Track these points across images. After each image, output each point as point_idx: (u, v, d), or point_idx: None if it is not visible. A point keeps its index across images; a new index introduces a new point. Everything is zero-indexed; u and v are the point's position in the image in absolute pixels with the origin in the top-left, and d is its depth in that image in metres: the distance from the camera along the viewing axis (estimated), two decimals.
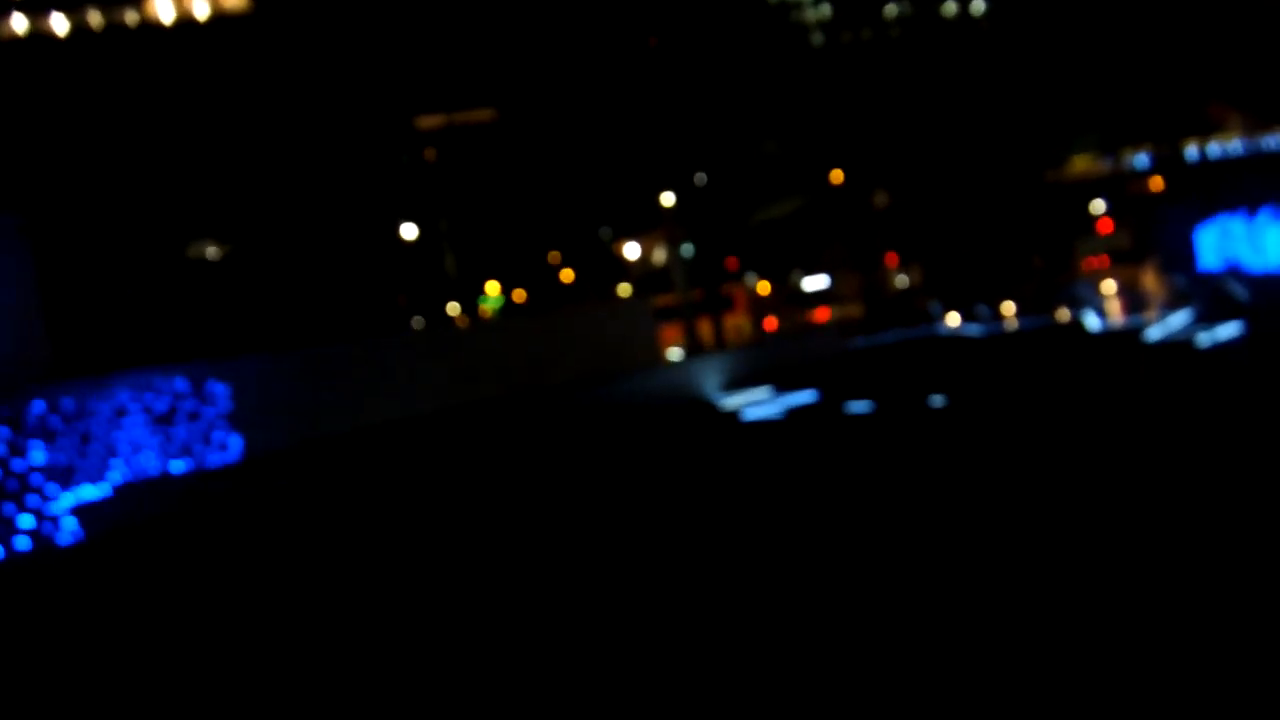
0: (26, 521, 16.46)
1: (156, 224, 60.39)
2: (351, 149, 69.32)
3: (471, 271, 74.07)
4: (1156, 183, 56.63)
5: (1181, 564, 8.32)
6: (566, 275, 72.85)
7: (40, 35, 59.55)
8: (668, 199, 59.33)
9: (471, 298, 72.11)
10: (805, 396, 22.01)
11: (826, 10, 70.52)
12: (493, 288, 73.45)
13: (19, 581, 15.04)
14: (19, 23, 58.78)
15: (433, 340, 25.51)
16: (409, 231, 68.39)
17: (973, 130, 60.24)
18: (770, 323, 55.13)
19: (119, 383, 18.33)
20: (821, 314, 58.74)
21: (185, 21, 62.00)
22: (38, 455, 17.47)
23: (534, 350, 27.57)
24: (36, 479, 17.37)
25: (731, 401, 23.29)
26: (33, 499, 16.98)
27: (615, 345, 28.69)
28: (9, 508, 16.53)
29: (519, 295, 73.45)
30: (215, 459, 18.68)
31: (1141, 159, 59.05)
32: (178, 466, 18.44)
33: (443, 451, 20.13)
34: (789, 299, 57.79)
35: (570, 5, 72.54)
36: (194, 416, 18.53)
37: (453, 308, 71.29)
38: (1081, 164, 60.51)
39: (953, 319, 38.26)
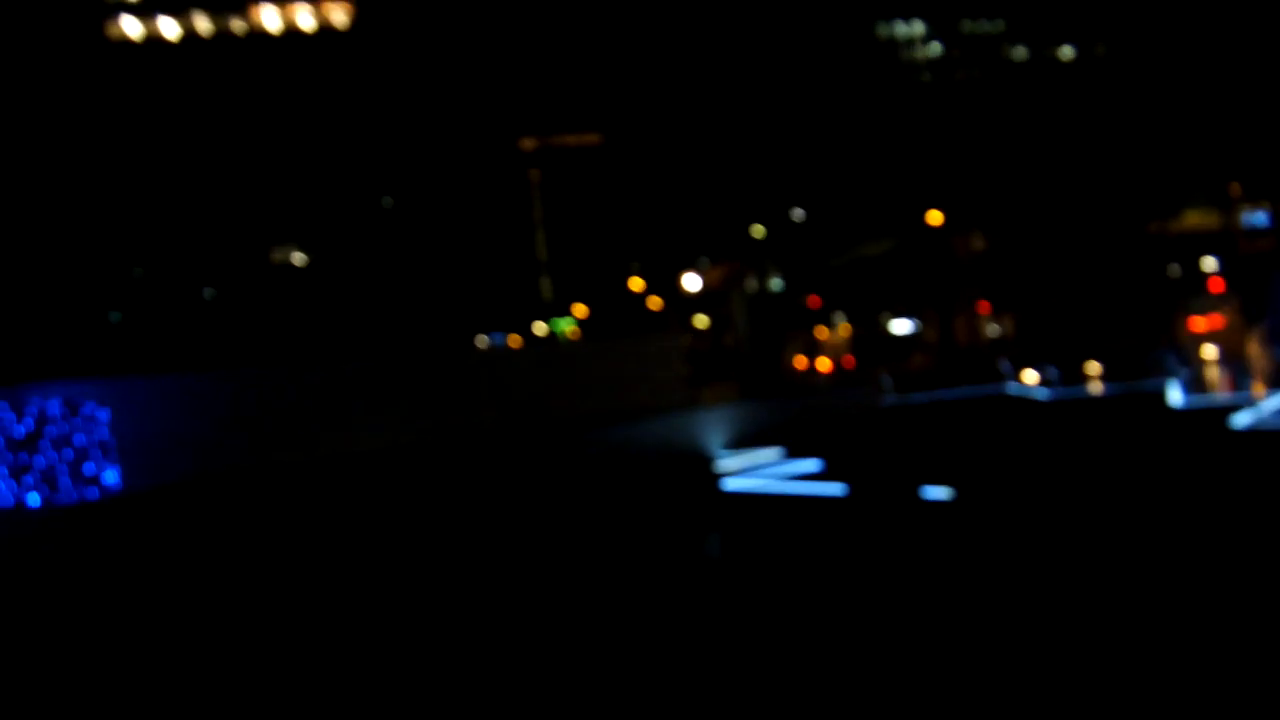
0: None
1: (238, 230, 58.42)
2: (452, 167, 66.97)
3: (563, 292, 71.16)
4: (1273, 242, 50.43)
5: None
6: (654, 302, 69.25)
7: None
8: (757, 231, 55.28)
9: (562, 317, 69.06)
10: (807, 465, 17.75)
11: (936, 48, 65.82)
12: (579, 310, 70.21)
13: None
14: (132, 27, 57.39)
15: (419, 367, 21.68)
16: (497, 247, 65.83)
17: (1080, 176, 54.91)
18: (825, 365, 50.18)
19: None
20: (916, 360, 53.64)
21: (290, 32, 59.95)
22: None
23: (540, 383, 23.78)
24: None
25: (728, 463, 19.11)
26: None
27: (635, 384, 24.74)
28: None
29: (601, 319, 70.06)
30: (85, 493, 15.26)
31: (1260, 217, 52.71)
32: (33, 499, 15.10)
33: (358, 494, 16.42)
34: (859, 343, 52.81)
35: (677, 37, 69.20)
36: (60, 443, 15.17)
37: (539, 327, 68.36)
38: (1194, 218, 54.48)
39: (1028, 378, 33.21)
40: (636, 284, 66.58)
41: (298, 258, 60.54)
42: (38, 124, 52.84)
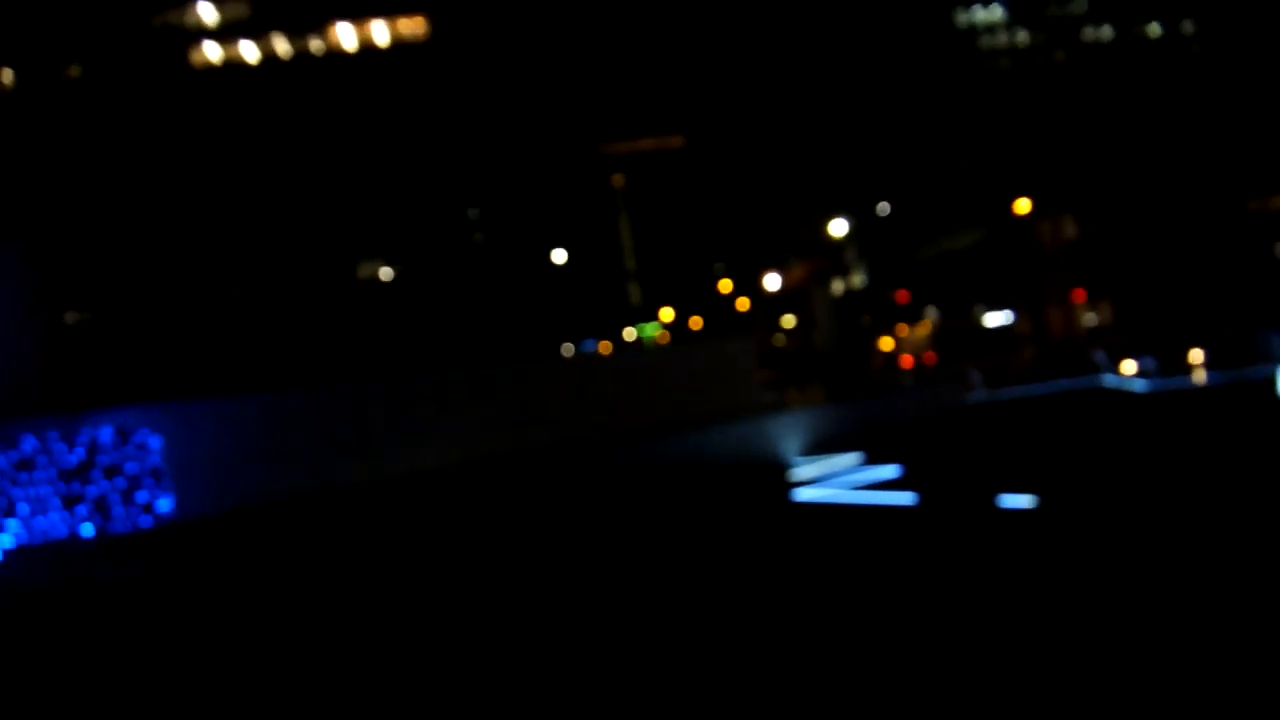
0: None
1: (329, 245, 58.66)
2: (536, 175, 66.68)
3: (651, 297, 70.46)
4: None
5: None
6: (742, 304, 68.10)
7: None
8: (838, 228, 53.84)
9: (651, 321, 68.22)
10: (884, 472, 16.63)
11: (1021, 35, 63.68)
12: (666, 314, 69.35)
13: None
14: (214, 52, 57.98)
15: (477, 381, 20.93)
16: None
17: (1174, 156, 52.54)
18: (907, 362, 48.33)
19: (24, 429, 14.65)
20: (1009, 354, 51.55)
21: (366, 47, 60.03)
22: None
23: (612, 392, 22.90)
24: None
25: (804, 471, 18.06)
26: None
27: (710, 388, 23.76)
28: None
29: (695, 323, 69.14)
30: (139, 521, 14.77)
31: None
32: (87, 529, 14.65)
33: (425, 516, 15.73)
34: (948, 337, 50.89)
35: (755, 35, 68.10)
36: (113, 471, 14.71)
37: (629, 333, 67.59)
38: None
39: (1126, 368, 31.42)
40: (724, 286, 65.53)
41: (384, 272, 60.56)
42: (122, 148, 53.62)
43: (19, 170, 49.71)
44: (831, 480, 16.71)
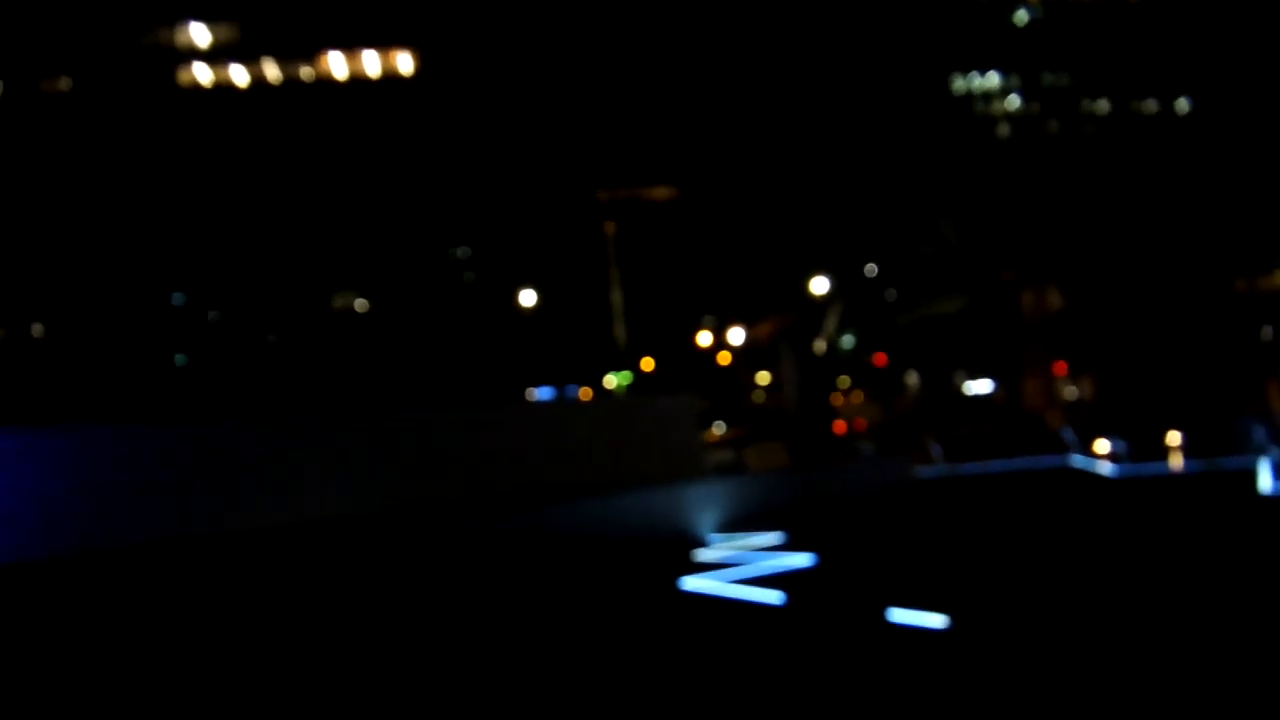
0: None
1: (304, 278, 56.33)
2: (528, 215, 64.64)
3: (635, 345, 67.97)
4: None
5: None
6: (724, 358, 65.61)
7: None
8: (818, 286, 51.36)
9: (623, 370, 65.64)
10: (797, 560, 13.96)
11: (1015, 102, 61.55)
12: (647, 363, 66.81)
13: None
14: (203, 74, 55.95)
15: (373, 427, 18.27)
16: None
17: (1164, 232, 50.11)
18: (860, 425, 45.50)
19: None
20: (989, 428, 48.74)
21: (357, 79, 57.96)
22: None
23: (528, 446, 20.23)
24: None
25: (708, 552, 15.38)
26: None
27: (640, 448, 21.09)
28: None
29: (668, 373, 66.55)
30: None
31: None
32: None
33: (243, 578, 13.04)
34: (922, 405, 48.13)
35: (752, 91, 66.16)
36: None
37: (609, 380, 65.06)
38: None
39: (1099, 448, 28.71)
40: (705, 338, 63.01)
41: (359, 304, 58.10)
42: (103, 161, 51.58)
43: None
44: (730, 567, 14.01)
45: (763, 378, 56.75)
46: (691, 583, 12.96)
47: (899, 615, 9.88)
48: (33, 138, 52.43)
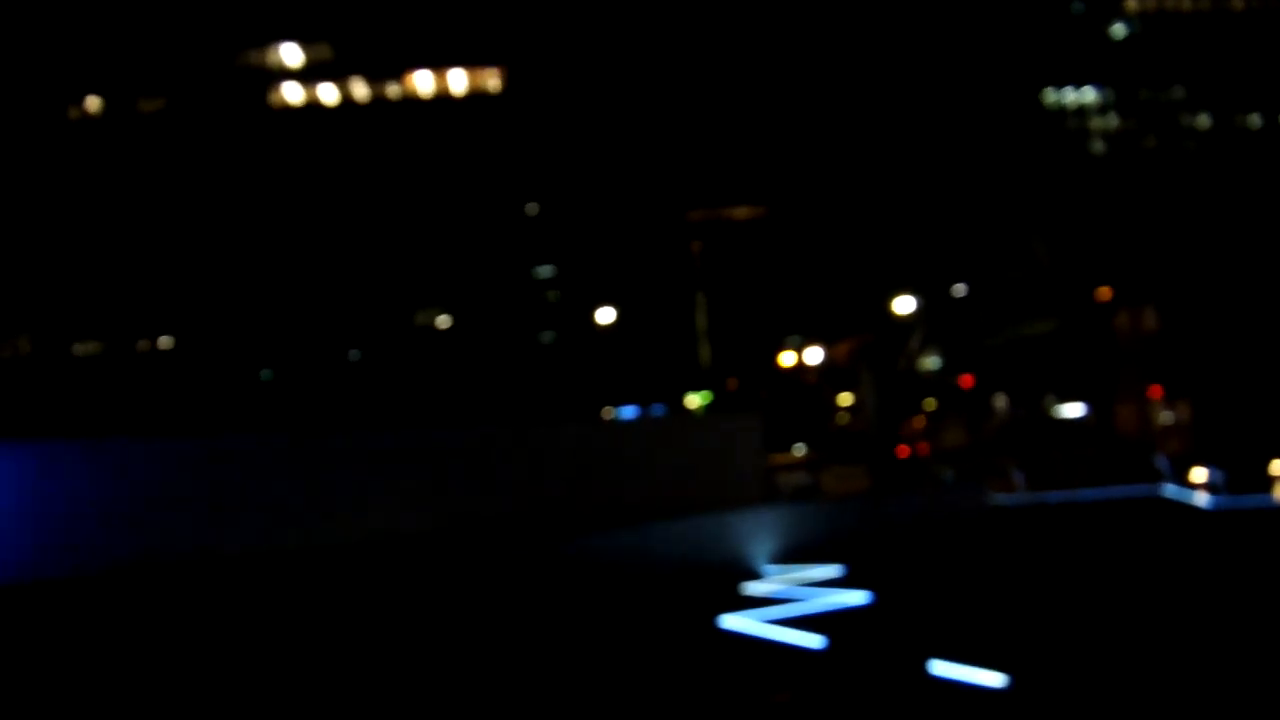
0: None
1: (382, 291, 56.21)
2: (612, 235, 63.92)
3: (718, 364, 66.73)
4: None
5: None
6: (808, 378, 63.96)
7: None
8: (901, 306, 49.61)
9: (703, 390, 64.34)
10: (853, 598, 12.71)
11: (1112, 117, 59.11)
12: (732, 383, 65.45)
13: None
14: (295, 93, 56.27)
15: (413, 445, 17.46)
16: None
17: (1265, 250, 47.43)
18: (921, 449, 43.26)
19: None
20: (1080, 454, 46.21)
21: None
22: None
23: (585, 467, 19.21)
24: None
25: (760, 585, 14.19)
26: None
27: (699, 471, 19.91)
28: None
29: (752, 392, 65.03)
30: None
31: None
32: None
33: (273, 605, 12.24)
34: (1006, 429, 45.91)
35: (843, 108, 64.72)
36: None
37: (690, 399, 63.91)
38: None
39: (1195, 477, 26.71)
40: (789, 358, 61.47)
41: (441, 320, 57.75)
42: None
43: None
44: (778, 604, 12.80)
45: (845, 399, 55.02)
46: (731, 621, 11.79)
47: (950, 670, 8.61)
48: (128, 154, 53.20)
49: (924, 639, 9.98)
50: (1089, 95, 58.34)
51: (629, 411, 59.40)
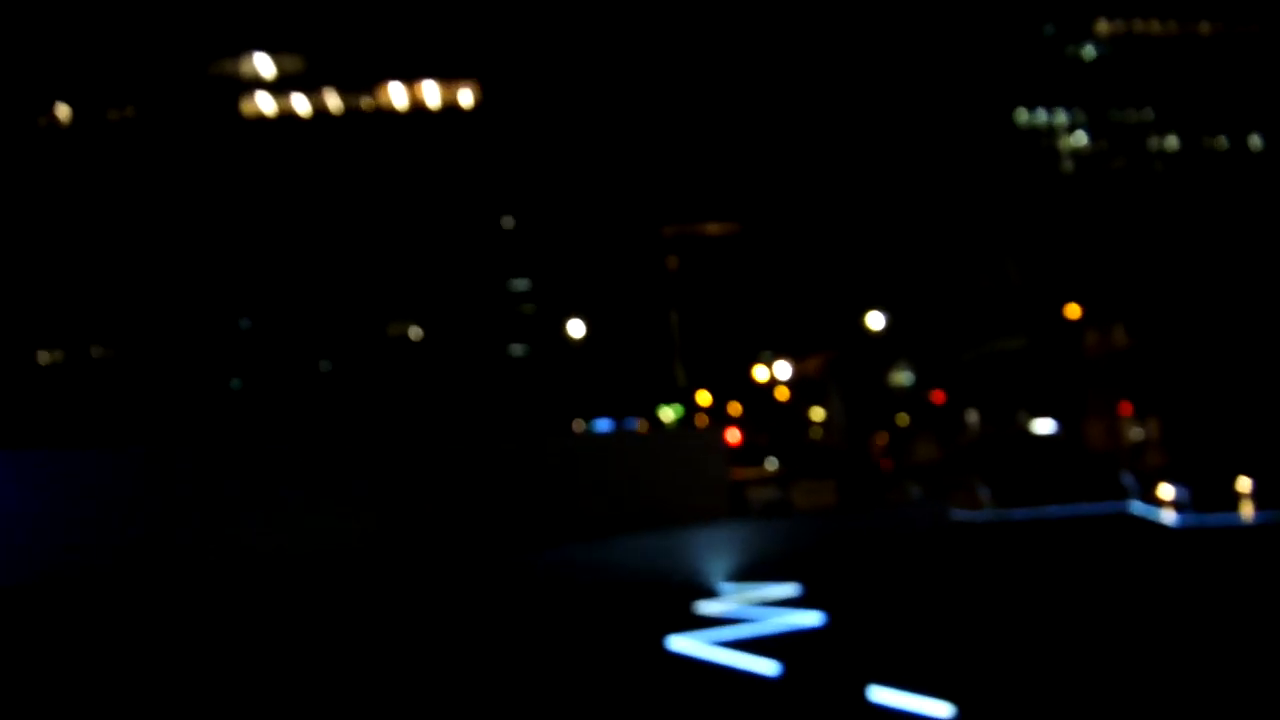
0: None
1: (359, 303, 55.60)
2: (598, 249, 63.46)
3: (693, 378, 66.28)
4: None
5: None
6: (781, 393, 63.69)
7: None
8: (871, 321, 49.33)
9: (690, 402, 63.84)
10: (806, 619, 12.29)
11: (1082, 138, 59.15)
12: (704, 397, 65.01)
13: None
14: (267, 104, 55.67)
15: (349, 454, 16.95)
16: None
17: (1234, 270, 47.48)
18: (887, 465, 42.87)
19: None
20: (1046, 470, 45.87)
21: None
22: None
23: (540, 482, 18.69)
24: None
25: (713, 604, 13.77)
26: None
27: (661, 486, 19.45)
28: None
29: (735, 408, 64.59)
30: None
31: None
32: None
33: (195, 617, 11.74)
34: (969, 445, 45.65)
35: (815, 126, 64.65)
36: None
37: (663, 413, 63.44)
38: None
39: (1162, 494, 26.46)
40: (762, 372, 61.09)
41: (413, 332, 57.09)
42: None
43: None
44: (730, 624, 12.38)
45: (818, 413, 54.76)
46: (679, 643, 11.36)
47: (895, 698, 8.22)
48: (98, 164, 52.52)
49: (874, 664, 9.58)
50: (1060, 116, 58.43)
51: (602, 424, 58.87)
